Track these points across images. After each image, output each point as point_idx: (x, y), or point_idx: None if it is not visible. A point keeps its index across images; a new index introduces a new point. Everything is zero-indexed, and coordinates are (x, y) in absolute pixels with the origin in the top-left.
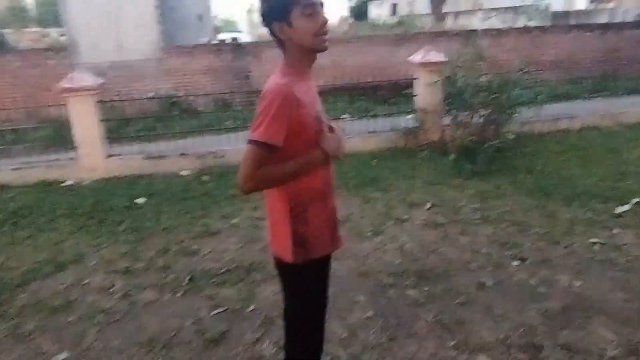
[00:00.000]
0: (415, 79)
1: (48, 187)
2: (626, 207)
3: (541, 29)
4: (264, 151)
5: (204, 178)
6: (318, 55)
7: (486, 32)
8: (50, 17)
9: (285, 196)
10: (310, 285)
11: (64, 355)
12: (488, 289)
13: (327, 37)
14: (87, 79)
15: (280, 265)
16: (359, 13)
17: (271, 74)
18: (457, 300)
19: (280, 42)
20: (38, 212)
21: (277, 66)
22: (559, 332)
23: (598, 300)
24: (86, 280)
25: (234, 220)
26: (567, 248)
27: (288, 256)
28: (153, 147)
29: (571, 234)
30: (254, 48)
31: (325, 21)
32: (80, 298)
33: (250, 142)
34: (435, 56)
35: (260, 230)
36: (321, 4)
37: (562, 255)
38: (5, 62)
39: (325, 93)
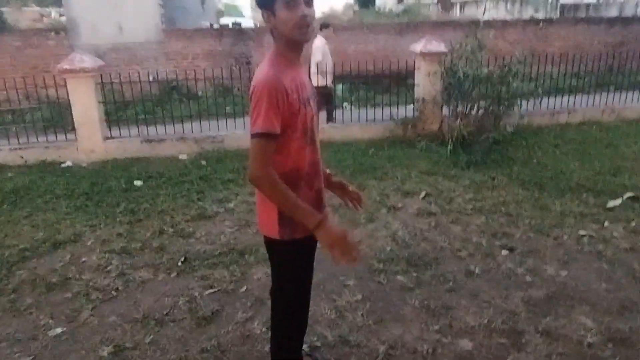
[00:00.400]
0: (416, 68)
1: (46, 167)
2: (618, 202)
3: (548, 21)
4: (268, 141)
5: (202, 162)
6: None
7: (491, 22)
8: None
9: None
10: (295, 262)
11: (60, 329)
12: (475, 277)
13: (308, 29)
14: (87, 61)
15: (268, 242)
16: (366, 0)
17: (261, 62)
18: (444, 287)
19: (270, 30)
20: (36, 192)
21: (267, 54)
22: (541, 319)
23: (582, 290)
24: (83, 259)
25: (230, 205)
26: (556, 239)
27: (274, 233)
28: (152, 131)
29: (561, 225)
30: (255, 33)
31: (303, 14)
32: (76, 276)
33: (253, 136)
34: (436, 46)
35: (255, 215)
36: None
37: (551, 246)
38: (5, 42)
39: None
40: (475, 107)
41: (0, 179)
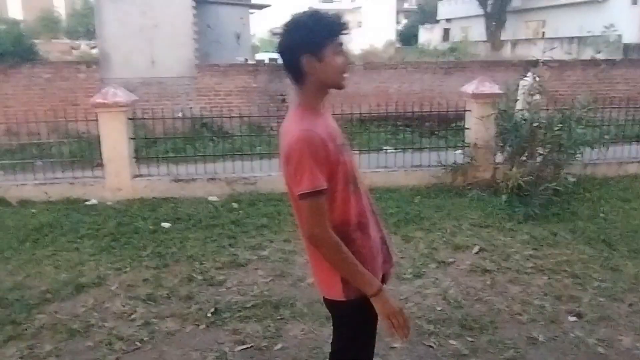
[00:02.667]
0: (467, 111)
1: (71, 204)
2: None
3: (610, 62)
4: (318, 198)
5: (234, 205)
6: (361, 81)
7: (547, 63)
8: (81, 28)
9: None
10: (363, 323)
11: None
12: (540, 345)
13: (347, 75)
14: (120, 95)
15: (331, 305)
16: (408, 37)
17: (286, 117)
18: (504, 355)
19: (297, 77)
20: (60, 231)
21: (291, 108)
22: None
23: None
24: (106, 305)
25: (264, 252)
26: (631, 306)
27: (338, 295)
28: (181, 169)
29: (636, 290)
30: None
31: (350, 61)
32: (99, 323)
33: (301, 197)
34: (490, 87)
35: (291, 265)
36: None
37: (625, 314)
38: (35, 73)
39: (367, 122)
40: (534, 154)
41: (23, 214)
